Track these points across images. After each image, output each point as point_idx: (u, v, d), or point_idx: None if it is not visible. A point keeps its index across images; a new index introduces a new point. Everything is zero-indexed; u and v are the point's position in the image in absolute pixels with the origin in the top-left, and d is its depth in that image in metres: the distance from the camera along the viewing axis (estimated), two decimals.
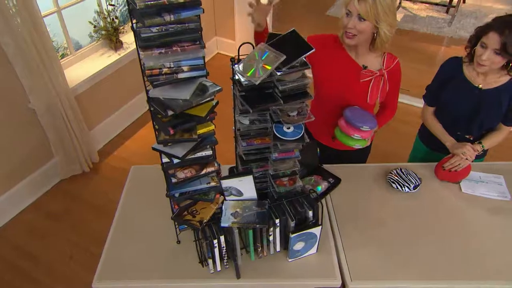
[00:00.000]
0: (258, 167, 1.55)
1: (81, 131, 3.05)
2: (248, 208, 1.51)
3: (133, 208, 1.80)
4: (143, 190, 1.88)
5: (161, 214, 1.71)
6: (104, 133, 3.44)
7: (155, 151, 1.33)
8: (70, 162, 3.10)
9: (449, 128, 1.94)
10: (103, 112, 3.38)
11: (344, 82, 1.80)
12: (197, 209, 1.49)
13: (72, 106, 2.91)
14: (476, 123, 1.87)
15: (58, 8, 2.88)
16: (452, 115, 1.91)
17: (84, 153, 3.13)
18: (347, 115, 1.76)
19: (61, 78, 2.78)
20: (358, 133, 1.73)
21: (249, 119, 1.39)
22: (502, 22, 1.56)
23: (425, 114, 2.03)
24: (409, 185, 1.84)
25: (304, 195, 1.58)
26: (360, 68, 1.77)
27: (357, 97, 1.82)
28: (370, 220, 1.75)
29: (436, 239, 1.66)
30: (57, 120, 2.85)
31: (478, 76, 1.80)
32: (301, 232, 1.48)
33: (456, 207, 1.81)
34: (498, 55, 1.61)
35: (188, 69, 1.19)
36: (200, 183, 1.42)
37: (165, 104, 1.18)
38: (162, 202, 1.69)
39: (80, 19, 3.16)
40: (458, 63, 1.84)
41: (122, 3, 3.51)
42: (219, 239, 1.42)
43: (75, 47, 3.18)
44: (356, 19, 1.60)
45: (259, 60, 1.28)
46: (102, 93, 3.27)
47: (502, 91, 1.77)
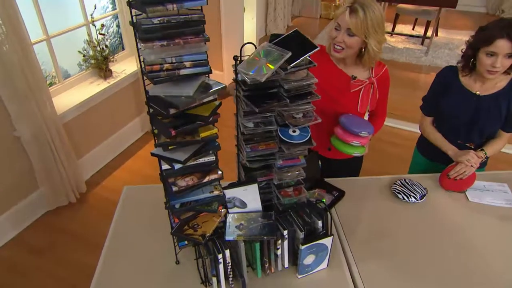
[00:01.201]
0: (262, 175, 1.43)
1: (68, 160, 2.88)
2: (253, 220, 1.38)
3: (126, 230, 1.63)
4: (136, 211, 1.72)
5: (157, 234, 1.55)
6: (92, 163, 3.26)
7: (154, 156, 1.20)
8: (56, 193, 2.89)
9: (450, 138, 1.88)
10: (91, 141, 3.23)
11: (334, 93, 1.75)
12: (198, 223, 1.34)
13: (59, 134, 2.76)
14: (477, 131, 1.81)
15: (47, 36, 2.80)
16: (452, 123, 1.86)
17: (71, 183, 2.94)
18: (344, 122, 1.69)
19: (49, 105, 2.65)
20: (357, 139, 1.66)
21: (253, 122, 1.29)
22: (503, 27, 1.54)
23: (424, 125, 1.97)
24: (415, 195, 1.75)
25: (311, 205, 1.46)
26: (349, 78, 1.74)
27: (347, 106, 1.77)
28: (379, 232, 1.63)
29: (450, 249, 1.55)
30: (43, 148, 2.68)
31: (475, 83, 1.77)
32: (312, 243, 1.35)
33: (466, 216, 1.71)
34: (509, 58, 1.59)
35: (191, 65, 1.10)
36: (203, 192, 1.29)
37: (167, 102, 1.08)
38: (158, 222, 1.56)
39: (70, 48, 3.09)
40: (454, 71, 1.82)
41: (112, 34, 3.47)
42: (224, 254, 1.27)
43: (64, 76, 3.07)
44: (345, 33, 1.58)
45: (263, 59, 1.20)
46: (91, 122, 3.14)
47: (500, 96, 1.74)
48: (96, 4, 3.05)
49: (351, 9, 1.53)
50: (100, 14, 3.23)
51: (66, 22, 2.99)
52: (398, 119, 3.91)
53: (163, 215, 1.53)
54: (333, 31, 1.63)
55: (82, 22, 3.06)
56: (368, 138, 1.69)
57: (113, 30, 3.49)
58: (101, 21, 3.15)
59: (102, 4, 3.32)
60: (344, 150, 1.72)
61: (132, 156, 3.55)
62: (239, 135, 1.35)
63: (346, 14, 1.54)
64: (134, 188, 1.86)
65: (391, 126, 3.92)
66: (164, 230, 1.50)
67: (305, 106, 1.29)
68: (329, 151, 1.89)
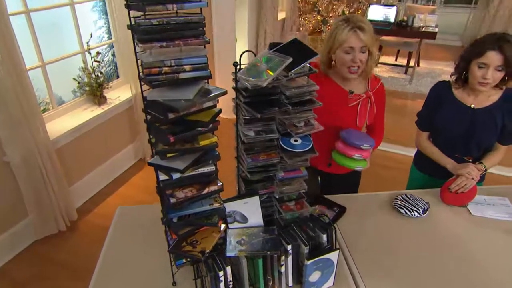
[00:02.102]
0: (263, 188, 1.34)
1: (60, 187, 2.74)
2: (255, 235, 1.28)
3: (119, 251, 1.50)
4: (131, 231, 1.60)
5: (152, 254, 1.43)
6: (84, 190, 3.12)
7: (151, 166, 1.11)
8: (46, 221, 2.73)
9: (447, 152, 1.83)
10: (84, 168, 3.10)
11: (334, 108, 1.71)
12: (197, 239, 1.23)
13: (51, 159, 2.64)
14: (474, 144, 1.77)
15: (42, 63, 2.75)
16: (448, 137, 1.81)
17: (62, 211, 2.79)
18: (345, 136, 1.64)
19: (42, 130, 2.55)
20: (359, 152, 1.60)
21: (254, 130, 1.22)
22: (495, 40, 1.54)
23: (420, 140, 1.92)
24: (418, 209, 1.66)
25: (314, 220, 1.36)
26: (346, 92, 1.71)
27: (346, 121, 1.74)
28: (384, 247, 1.53)
29: (456, 263, 1.45)
30: (34, 173, 2.56)
31: (468, 96, 1.75)
32: (317, 258, 1.24)
33: (470, 230, 1.63)
34: (500, 71, 1.57)
35: (190, 69, 1.04)
36: (202, 205, 1.19)
37: (165, 106, 1.01)
38: (153, 241, 1.46)
39: (64, 75, 3.03)
40: (447, 85, 1.80)
41: (107, 63, 3.44)
42: (225, 271, 1.16)
43: (58, 102, 2.99)
44: (359, 52, 1.58)
45: (263, 65, 1.15)
46: (84, 148, 3.03)
47: (495, 108, 1.71)
48: (92, 33, 3.02)
49: (359, 28, 1.53)
50: (96, 43, 3.20)
51: (62, 49, 2.95)
52: (390, 143, 3.89)
53: (158, 234, 1.42)
54: (344, 56, 1.60)
55: (77, 50, 3.03)
56: (369, 151, 1.64)
57: (109, 59, 3.46)
58: (97, 49, 3.11)
59: (98, 33, 3.31)
60: (346, 164, 1.65)
61: (125, 183, 3.42)
62: (239, 145, 1.27)
63: (358, 34, 1.54)
64: (128, 208, 1.74)
65: (383, 150, 3.89)
66: (160, 249, 1.38)
67: (306, 114, 1.23)
68: (329, 167, 1.82)
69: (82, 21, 3.00)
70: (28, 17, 2.59)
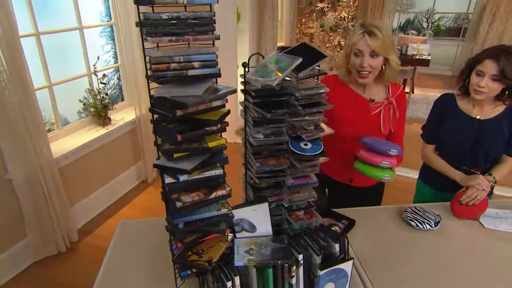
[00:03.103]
0: (271, 195, 1.25)
1: (61, 207, 2.63)
2: (264, 245, 1.17)
3: (120, 264, 1.39)
4: (132, 244, 1.48)
5: (155, 267, 1.32)
6: (86, 211, 3.00)
7: (157, 168, 1.03)
8: (45, 242, 2.59)
9: (454, 164, 1.75)
10: (86, 188, 2.99)
11: (356, 119, 1.64)
12: (203, 248, 1.13)
13: (54, 178, 2.54)
14: (481, 155, 1.70)
15: (49, 83, 2.71)
16: (455, 150, 1.74)
17: (62, 231, 2.66)
18: (368, 143, 1.52)
19: (46, 149, 2.47)
20: (386, 159, 1.46)
21: (263, 133, 1.15)
22: (496, 50, 1.51)
23: (426, 153, 1.85)
24: (429, 222, 1.57)
25: (325, 229, 1.27)
26: (367, 101, 1.65)
27: (371, 130, 1.65)
28: (396, 260, 1.42)
29: (472, 275, 1.34)
30: (36, 192, 2.45)
31: (474, 108, 1.69)
32: (331, 268, 1.13)
33: (484, 243, 1.52)
34: (495, 82, 1.53)
35: (199, 66, 0.98)
36: (209, 211, 1.09)
37: (173, 103, 0.94)
38: (157, 254, 1.37)
39: (70, 97, 2.99)
40: (451, 98, 1.75)
41: (113, 86, 3.42)
42: (233, 282, 1.05)
43: (63, 123, 2.94)
44: (368, 57, 1.53)
45: (273, 66, 1.10)
46: (87, 168, 2.94)
47: (501, 119, 1.65)
48: (99, 56, 3.02)
49: (369, 33, 1.49)
50: (102, 66, 3.19)
51: (69, 71, 2.93)
52: None
53: (162, 247, 1.32)
54: (354, 59, 1.55)
55: (84, 72, 3.01)
56: (396, 159, 1.51)
57: (114, 82, 3.44)
58: (103, 72, 3.10)
59: (105, 57, 3.30)
60: (372, 175, 1.51)
61: (127, 204, 3.30)
62: (247, 150, 1.20)
63: (366, 39, 1.49)
64: (131, 222, 1.64)
65: None
66: (163, 262, 1.28)
67: (316, 117, 1.16)
68: (351, 183, 1.73)
69: (90, 45, 3.00)
70: (38, 39, 2.58)
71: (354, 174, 1.67)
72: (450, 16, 8.10)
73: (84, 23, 2.92)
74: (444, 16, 8.15)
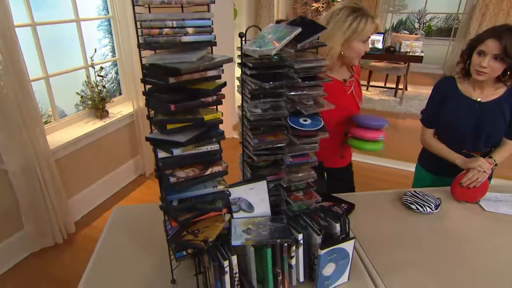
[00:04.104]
0: (270, 174, 1.17)
1: (58, 199, 2.53)
2: (262, 224, 1.09)
3: (113, 249, 1.30)
4: (127, 229, 1.40)
5: (150, 251, 1.25)
6: (83, 203, 2.90)
7: (150, 141, 0.95)
8: (42, 233, 2.50)
9: (455, 148, 1.68)
10: (84, 181, 2.90)
11: (338, 101, 1.57)
12: (199, 228, 1.05)
13: (50, 170, 2.45)
14: (482, 138, 1.63)
15: (46, 75, 2.62)
16: (456, 133, 1.67)
17: (59, 223, 2.56)
18: (363, 121, 1.51)
19: (42, 140, 2.38)
20: (382, 133, 1.50)
21: (261, 108, 1.07)
22: (498, 29, 1.44)
23: (426, 138, 1.77)
24: (430, 205, 1.49)
25: (324, 210, 1.19)
26: (342, 82, 1.61)
27: (352, 107, 1.63)
28: (398, 243, 1.34)
29: (474, 257, 1.27)
30: (32, 183, 2.36)
31: (475, 91, 1.62)
32: (332, 247, 1.05)
33: (485, 225, 1.45)
34: (497, 61, 1.45)
35: (193, 32, 0.90)
36: (205, 188, 1.01)
37: (166, 69, 0.86)
38: (151, 239, 1.30)
39: (68, 89, 2.90)
40: (452, 81, 1.68)
41: (110, 80, 3.33)
42: (230, 261, 0.96)
43: (60, 116, 2.84)
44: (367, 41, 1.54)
45: (271, 36, 1.02)
46: (85, 160, 2.84)
47: (502, 101, 1.58)
48: (96, 48, 2.93)
49: (373, 17, 1.47)
50: (100, 60, 3.10)
51: (66, 64, 2.84)
52: (385, 158, 3.76)
53: (157, 231, 1.24)
54: (361, 45, 1.51)
55: (82, 65, 2.91)
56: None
57: (112, 76, 3.35)
58: (101, 65, 3.00)
59: (103, 51, 3.21)
60: (370, 148, 1.52)
61: (125, 197, 3.20)
62: (244, 126, 1.12)
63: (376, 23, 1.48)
64: (126, 207, 1.56)
65: (378, 164, 3.75)
66: (158, 247, 1.20)
67: (316, 91, 1.08)
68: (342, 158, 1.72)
69: (87, 38, 2.91)
70: (34, 30, 2.49)
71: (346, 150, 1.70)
72: (441, 17, 8.06)
73: (81, 16, 2.83)
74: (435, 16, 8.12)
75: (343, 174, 1.76)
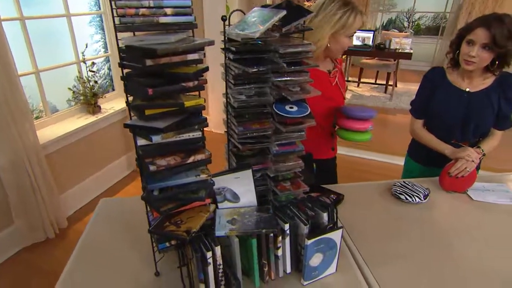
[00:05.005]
0: (256, 163, 1.11)
1: (49, 194, 2.45)
2: (248, 214, 1.03)
3: (97, 242, 1.24)
4: (111, 222, 1.34)
5: (134, 244, 1.19)
6: (76, 199, 2.82)
7: (128, 127, 0.88)
8: (33, 228, 2.42)
9: (444, 138, 1.63)
10: (76, 176, 2.82)
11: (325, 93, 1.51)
12: (182, 219, 0.98)
13: (40, 165, 2.36)
14: (471, 128, 1.58)
15: (36, 69, 2.53)
16: (445, 123, 1.62)
17: (51, 218, 2.48)
18: (352, 113, 1.45)
19: (32, 134, 2.30)
20: (370, 123, 1.44)
21: (246, 94, 1.00)
22: (487, 18, 1.39)
23: (415, 128, 1.72)
24: (418, 195, 1.44)
25: (312, 200, 1.13)
26: (326, 73, 1.55)
27: (337, 98, 1.58)
28: (386, 233, 1.29)
29: (463, 247, 1.22)
30: (22, 178, 2.27)
31: (463, 81, 1.57)
32: (319, 237, 1.00)
33: (473, 214, 1.41)
34: (486, 50, 1.40)
35: (172, 13, 0.83)
36: (187, 177, 0.95)
37: (142, 50, 0.79)
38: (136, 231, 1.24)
39: (59, 85, 2.81)
40: (441, 71, 1.62)
41: (103, 76, 3.24)
42: (214, 252, 0.90)
43: (52, 111, 2.75)
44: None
45: (255, 19, 0.96)
46: (76, 156, 2.76)
47: (490, 91, 1.54)
48: (87, 44, 2.84)
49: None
50: (92, 55, 3.01)
51: (57, 59, 2.74)
52: (374, 152, 3.71)
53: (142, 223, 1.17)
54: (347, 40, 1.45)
55: (73, 60, 2.82)
56: None
57: (104, 72, 3.27)
58: (93, 61, 2.92)
59: (95, 47, 3.12)
60: (360, 139, 1.47)
61: (118, 193, 3.12)
62: (228, 114, 1.05)
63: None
64: (112, 200, 1.49)
65: (367, 158, 3.71)
66: (143, 238, 1.13)
67: (302, 77, 1.02)
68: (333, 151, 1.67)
69: (78, 33, 2.82)
70: (23, 24, 2.40)
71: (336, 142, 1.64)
72: (429, 16, 8.03)
73: (72, 11, 2.74)
74: (424, 15, 8.09)
75: (329, 165, 1.70)
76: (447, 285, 1.06)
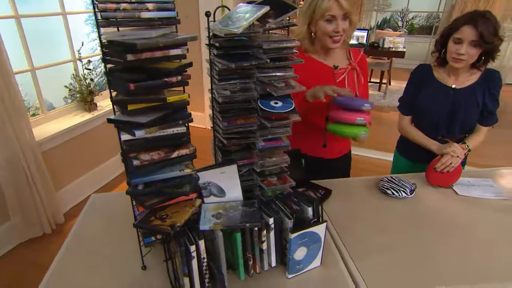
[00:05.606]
0: (242, 159, 1.10)
1: (46, 190, 2.44)
2: (233, 209, 1.02)
3: (85, 237, 1.23)
4: (100, 217, 1.33)
5: (122, 239, 1.17)
6: (72, 195, 2.80)
7: (111, 122, 0.87)
8: (30, 224, 2.40)
9: (430, 134, 1.62)
10: (73, 173, 2.80)
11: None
12: (167, 213, 0.97)
13: (37, 162, 2.35)
14: (457, 124, 1.57)
15: (32, 67, 2.51)
16: (432, 119, 1.61)
17: (48, 214, 2.47)
18: (341, 101, 1.33)
19: (28, 132, 2.28)
20: (361, 115, 1.26)
21: (230, 90, 0.99)
22: (472, 16, 1.38)
23: (403, 124, 1.71)
24: (405, 190, 1.44)
25: (298, 194, 1.12)
26: (331, 69, 1.49)
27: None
28: (372, 228, 1.28)
29: (447, 241, 1.21)
30: (18, 175, 2.26)
31: (450, 77, 1.56)
32: (303, 231, 0.99)
33: (458, 209, 1.40)
34: (474, 47, 1.39)
35: (154, 8, 0.82)
36: (171, 171, 0.94)
37: (122, 45, 0.77)
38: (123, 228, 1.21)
39: (56, 83, 2.79)
40: (428, 68, 1.61)
41: (99, 74, 3.22)
42: (197, 246, 0.89)
43: (48, 109, 2.73)
44: (342, 21, 1.36)
45: (239, 15, 0.94)
46: (73, 152, 2.75)
47: (476, 87, 1.53)
48: (83, 42, 2.81)
49: None
50: (89, 54, 2.99)
51: (53, 57, 2.72)
52: (367, 149, 3.71)
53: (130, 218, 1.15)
54: (326, 25, 1.37)
55: (69, 58, 2.80)
56: (370, 114, 1.32)
57: (101, 70, 3.24)
58: (89, 59, 2.89)
59: (91, 45, 3.10)
60: (348, 133, 1.31)
61: (115, 189, 3.11)
62: (214, 110, 1.04)
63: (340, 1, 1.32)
64: (103, 195, 1.48)
65: (360, 155, 3.70)
66: (130, 235, 1.12)
67: (286, 72, 1.01)
68: (325, 148, 1.55)
69: (74, 32, 2.80)
70: (18, 22, 2.38)
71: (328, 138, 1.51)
72: (423, 15, 8.03)
73: (68, 10, 2.71)
74: (418, 15, 8.08)
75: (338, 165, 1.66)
76: (431, 278, 1.05)
